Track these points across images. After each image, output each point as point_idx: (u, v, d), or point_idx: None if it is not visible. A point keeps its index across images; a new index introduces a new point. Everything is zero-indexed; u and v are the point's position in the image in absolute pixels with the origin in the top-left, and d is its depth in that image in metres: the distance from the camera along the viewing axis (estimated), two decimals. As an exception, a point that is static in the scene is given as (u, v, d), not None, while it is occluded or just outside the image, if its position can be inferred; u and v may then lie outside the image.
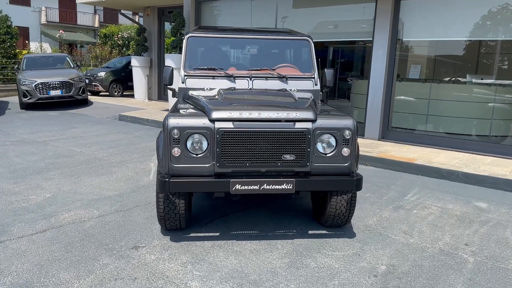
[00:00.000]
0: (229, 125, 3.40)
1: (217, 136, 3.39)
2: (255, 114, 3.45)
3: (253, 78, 4.51)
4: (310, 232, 4.00)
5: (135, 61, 14.01)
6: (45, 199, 4.72)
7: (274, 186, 3.47)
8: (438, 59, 9.68)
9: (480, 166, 6.02)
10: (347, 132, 3.55)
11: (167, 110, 11.45)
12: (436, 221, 4.36)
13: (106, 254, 3.46)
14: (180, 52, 10.39)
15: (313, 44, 4.76)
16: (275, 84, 4.52)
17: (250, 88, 4.44)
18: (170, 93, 10.71)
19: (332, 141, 3.58)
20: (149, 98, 14.45)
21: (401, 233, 4.05)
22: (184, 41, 4.61)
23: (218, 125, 3.40)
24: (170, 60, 10.31)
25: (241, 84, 4.49)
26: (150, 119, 9.82)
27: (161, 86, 14.68)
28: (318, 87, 4.61)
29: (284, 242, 3.77)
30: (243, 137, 3.42)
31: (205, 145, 3.46)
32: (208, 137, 3.44)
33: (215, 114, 3.44)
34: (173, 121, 3.42)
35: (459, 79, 9.18)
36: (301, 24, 9.32)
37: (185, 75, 4.48)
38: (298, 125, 3.46)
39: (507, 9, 6.80)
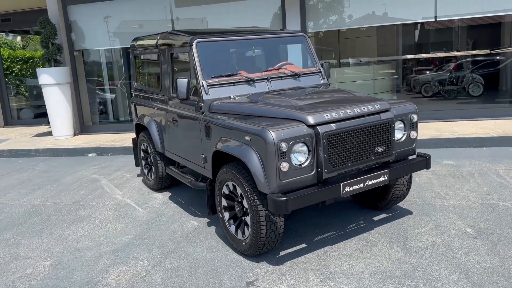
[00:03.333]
0: (332, 127, 3.25)
1: (324, 140, 3.20)
2: (348, 112, 3.38)
3: (270, 80, 4.32)
4: (375, 219, 4.12)
5: (-34, 84, 11.31)
6: (52, 266, 3.64)
7: (374, 180, 3.48)
8: (320, 47, 10.66)
9: (414, 132, 7.02)
10: (414, 116, 3.78)
11: (42, 134, 9.70)
12: (442, 183, 4.99)
13: (233, 301, 2.94)
14: (56, 65, 8.92)
15: (309, 39, 4.80)
16: (290, 83, 4.43)
17: (269, 91, 4.25)
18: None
19: (402, 126, 3.76)
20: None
21: (435, 199, 4.52)
22: (193, 48, 4.06)
23: (322, 129, 3.21)
24: (47, 76, 8.72)
25: (260, 87, 4.26)
26: (40, 149, 8.17)
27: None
28: (325, 80, 4.69)
29: (370, 234, 3.81)
30: (345, 137, 3.31)
31: (306, 153, 3.23)
32: (309, 144, 3.22)
33: (315, 119, 3.23)
34: (278, 134, 3.08)
35: (343, 61, 10.35)
36: (190, 24, 9.03)
37: (207, 86, 3.99)
38: (383, 116, 3.53)
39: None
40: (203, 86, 3.98)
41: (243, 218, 3.56)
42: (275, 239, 3.39)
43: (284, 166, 3.10)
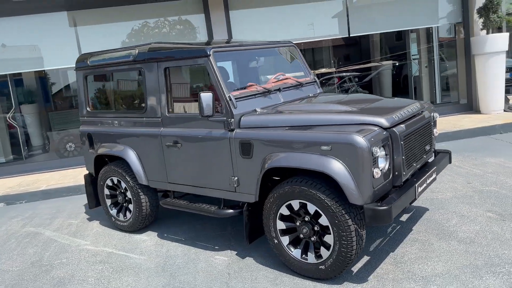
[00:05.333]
0: (403, 128, 3.19)
1: (401, 142, 3.11)
2: (406, 113, 3.36)
3: (282, 90, 4.09)
4: (402, 219, 4.16)
5: None
6: None
7: (429, 179, 3.51)
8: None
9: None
10: (436, 114, 3.95)
11: None
12: (421, 179, 5.33)
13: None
14: None
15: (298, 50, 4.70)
16: (296, 93, 4.26)
17: (284, 101, 4.03)
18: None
19: (428, 125, 3.92)
20: None
21: (431, 193, 4.77)
22: (211, 59, 3.59)
23: (398, 130, 3.12)
24: None
25: (273, 98, 3.99)
26: None
27: None
28: (321, 90, 4.64)
29: (414, 234, 3.82)
30: (412, 137, 3.29)
31: (384, 157, 3.10)
32: (387, 147, 3.10)
33: (389, 121, 3.12)
34: (368, 138, 2.89)
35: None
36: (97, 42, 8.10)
37: (235, 99, 3.56)
38: (425, 115, 3.62)
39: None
40: (230, 99, 3.53)
41: (311, 239, 3.22)
42: (359, 254, 3.15)
43: (377, 172, 2.93)
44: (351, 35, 8.41)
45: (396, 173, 3.16)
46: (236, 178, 3.58)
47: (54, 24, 7.91)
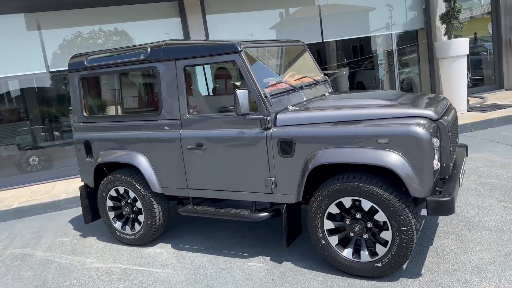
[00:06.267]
0: (448, 120, 3.22)
1: (449, 133, 3.14)
2: (444, 106, 3.41)
3: (304, 88, 4.01)
4: (423, 213, 4.21)
5: None
6: None
7: (464, 170, 3.58)
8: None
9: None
10: (455, 109, 4.07)
11: None
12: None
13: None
14: None
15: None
16: (313, 92, 4.20)
17: (307, 99, 3.95)
18: None
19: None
20: None
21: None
22: (242, 55, 3.42)
23: (445, 122, 3.14)
24: None
25: (298, 96, 3.90)
26: None
27: None
28: (331, 89, 4.62)
29: (444, 227, 3.87)
30: (452, 129, 3.33)
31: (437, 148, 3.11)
32: (437, 138, 3.11)
33: (436, 113, 3.13)
34: (427, 130, 2.88)
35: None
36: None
37: (271, 96, 3.42)
38: (453, 108, 3.70)
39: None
40: (266, 96, 3.39)
41: (364, 236, 3.14)
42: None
43: (437, 163, 2.92)
44: (324, 40, 8.55)
45: (445, 164, 3.18)
46: (273, 178, 3.42)
47: (8, 27, 7.25)
